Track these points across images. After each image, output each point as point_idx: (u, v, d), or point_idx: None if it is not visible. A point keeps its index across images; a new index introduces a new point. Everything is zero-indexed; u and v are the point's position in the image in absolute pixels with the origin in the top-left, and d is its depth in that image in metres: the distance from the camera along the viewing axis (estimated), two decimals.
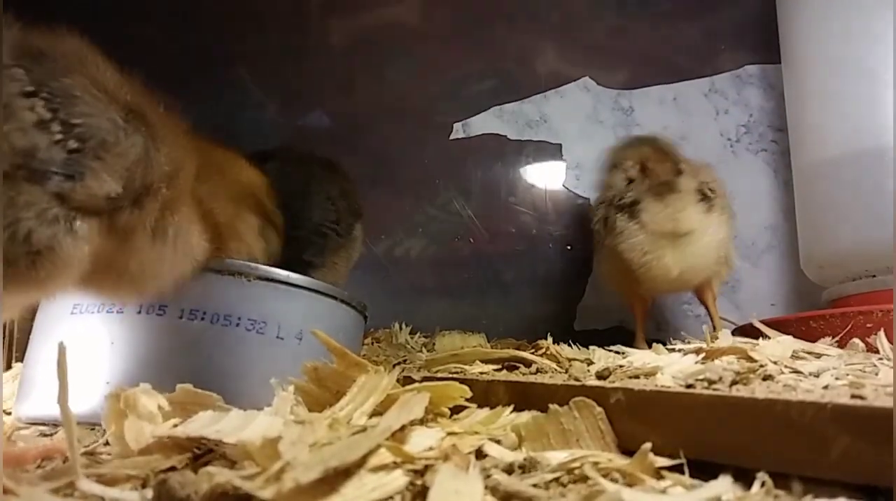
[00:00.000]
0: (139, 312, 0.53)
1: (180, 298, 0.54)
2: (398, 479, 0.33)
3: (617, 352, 0.72)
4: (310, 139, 1.25)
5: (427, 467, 0.35)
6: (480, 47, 1.28)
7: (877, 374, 0.51)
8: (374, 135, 1.25)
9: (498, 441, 0.42)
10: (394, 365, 0.63)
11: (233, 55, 1.24)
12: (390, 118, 1.26)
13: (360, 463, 0.33)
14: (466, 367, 0.69)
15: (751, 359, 0.57)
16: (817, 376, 0.50)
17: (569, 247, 1.11)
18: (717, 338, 0.71)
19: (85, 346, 0.54)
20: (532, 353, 0.71)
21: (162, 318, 0.53)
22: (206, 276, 0.55)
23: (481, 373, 0.65)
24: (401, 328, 1.10)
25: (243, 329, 0.54)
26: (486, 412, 0.50)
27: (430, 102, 1.28)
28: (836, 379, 0.47)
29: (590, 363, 0.66)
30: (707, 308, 0.98)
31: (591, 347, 0.75)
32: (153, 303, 0.53)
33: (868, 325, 0.74)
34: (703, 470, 0.35)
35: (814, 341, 0.75)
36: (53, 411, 0.53)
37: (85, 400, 0.52)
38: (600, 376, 0.56)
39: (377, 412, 0.45)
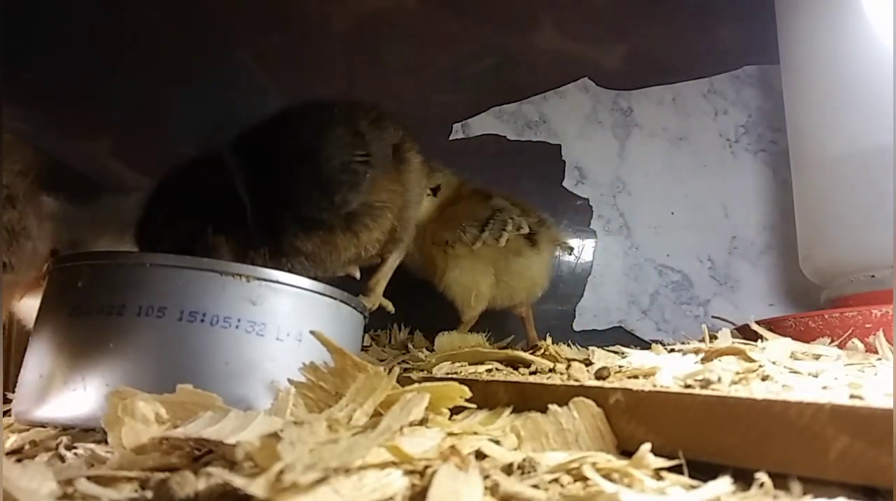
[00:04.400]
0: (138, 314, 0.53)
1: (180, 300, 0.53)
2: (397, 480, 0.33)
3: (616, 353, 0.72)
4: None
5: (426, 468, 0.35)
6: (479, 48, 1.28)
7: (876, 375, 0.51)
8: None
9: (497, 442, 0.42)
10: (393, 366, 0.63)
11: (232, 42, 1.24)
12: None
13: (360, 464, 0.33)
14: (465, 367, 0.69)
15: (750, 360, 0.57)
16: (816, 376, 0.50)
17: (569, 248, 1.11)
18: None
19: (84, 348, 0.53)
20: (531, 353, 0.71)
21: (161, 320, 0.53)
22: (206, 277, 0.55)
23: (480, 373, 0.65)
24: (400, 328, 1.10)
25: (243, 330, 0.54)
26: (485, 412, 0.50)
27: (428, 103, 1.28)
28: (835, 379, 0.47)
29: (589, 363, 0.66)
30: None
31: (591, 347, 0.75)
32: (152, 305, 0.53)
33: (867, 325, 0.74)
34: (703, 471, 0.36)
35: (813, 341, 0.75)
36: (52, 413, 0.53)
37: (84, 403, 0.52)
38: (599, 376, 0.56)
39: (377, 412, 0.45)
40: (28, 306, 0.68)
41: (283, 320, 0.56)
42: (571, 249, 1.07)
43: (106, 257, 0.57)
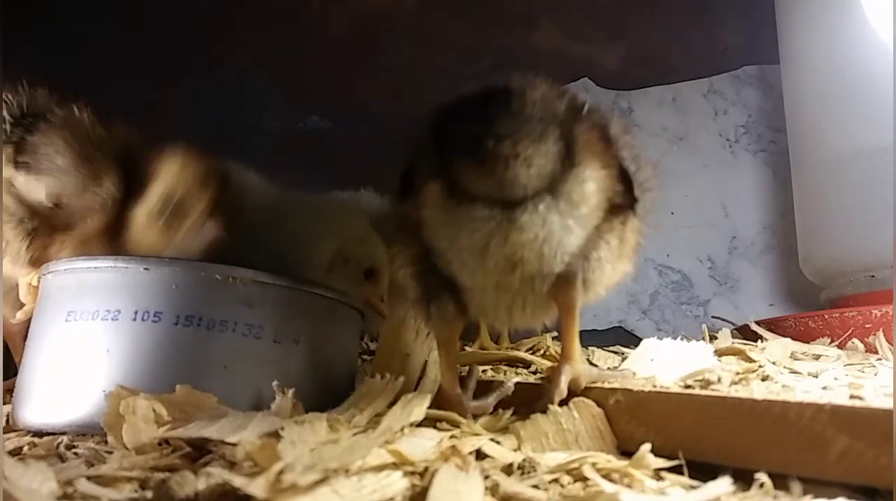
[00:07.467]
0: (134, 319, 0.52)
1: (176, 304, 0.53)
2: (398, 481, 0.33)
3: (616, 353, 0.72)
4: (308, 137, 1.25)
5: (427, 468, 0.35)
6: (479, 48, 1.28)
7: (876, 375, 0.51)
8: (371, 135, 1.25)
9: (497, 442, 0.42)
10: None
11: (232, 42, 1.25)
12: (388, 119, 1.26)
13: (360, 465, 0.33)
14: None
15: (750, 360, 0.57)
16: (816, 376, 0.50)
17: None
18: None
19: (80, 353, 0.52)
20: (531, 354, 0.71)
21: (157, 325, 0.52)
22: (201, 281, 0.54)
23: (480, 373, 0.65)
24: None
25: (239, 334, 0.53)
26: None
27: (429, 104, 1.28)
28: (835, 379, 0.47)
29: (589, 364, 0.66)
30: None
31: (591, 347, 0.75)
32: (148, 310, 0.53)
33: (867, 325, 0.74)
34: (703, 471, 0.36)
35: (813, 341, 0.75)
36: (49, 419, 0.52)
37: (81, 407, 0.51)
38: None
39: (377, 413, 0.45)
40: None
41: (281, 322, 0.55)
42: None
43: (101, 262, 0.56)
